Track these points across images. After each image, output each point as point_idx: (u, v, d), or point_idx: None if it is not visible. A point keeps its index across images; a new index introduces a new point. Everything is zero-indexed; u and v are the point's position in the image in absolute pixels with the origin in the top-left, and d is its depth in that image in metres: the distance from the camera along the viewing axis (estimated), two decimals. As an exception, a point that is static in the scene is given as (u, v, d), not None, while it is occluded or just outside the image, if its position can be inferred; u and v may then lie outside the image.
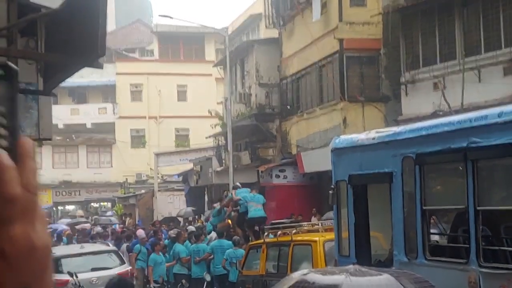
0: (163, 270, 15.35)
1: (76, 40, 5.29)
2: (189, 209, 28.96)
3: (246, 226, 16.33)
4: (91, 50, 5.09)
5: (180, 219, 29.17)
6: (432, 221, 8.50)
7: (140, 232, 20.03)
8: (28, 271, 0.80)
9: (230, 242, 14.97)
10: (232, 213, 17.74)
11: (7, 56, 5.87)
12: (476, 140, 7.08)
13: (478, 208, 7.07)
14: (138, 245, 16.65)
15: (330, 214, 12.05)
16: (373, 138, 8.84)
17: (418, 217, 7.89)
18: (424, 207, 7.85)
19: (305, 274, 5.84)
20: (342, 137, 10.01)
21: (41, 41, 6.65)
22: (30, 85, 7.15)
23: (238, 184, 18.61)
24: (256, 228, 16.34)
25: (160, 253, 15.57)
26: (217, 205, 18.09)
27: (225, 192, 26.58)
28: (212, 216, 18.01)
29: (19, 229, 0.79)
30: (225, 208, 18.33)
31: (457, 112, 13.12)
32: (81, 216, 37.20)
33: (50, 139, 7.85)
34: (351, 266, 5.84)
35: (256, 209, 16.37)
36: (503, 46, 15.73)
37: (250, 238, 15.64)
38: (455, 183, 7.96)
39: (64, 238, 21.86)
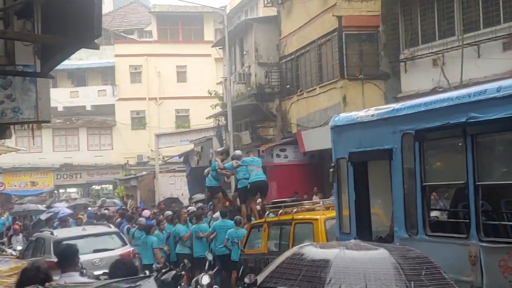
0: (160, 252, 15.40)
1: (72, 21, 5.27)
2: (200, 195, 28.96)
3: (249, 194, 15.98)
4: (87, 31, 5.07)
5: (182, 200, 29.25)
6: (432, 197, 8.51)
7: (146, 213, 20.10)
8: None
9: (233, 222, 14.99)
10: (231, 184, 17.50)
11: (4, 38, 5.85)
12: (475, 115, 7.07)
13: (478, 183, 7.08)
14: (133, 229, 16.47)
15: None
16: (372, 115, 8.84)
17: (418, 193, 7.91)
18: (424, 183, 7.86)
19: (302, 247, 5.88)
20: (342, 114, 10.00)
21: (38, 23, 6.62)
22: (28, 67, 7.14)
23: (237, 152, 18.32)
24: (259, 198, 16.08)
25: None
26: (218, 160, 17.55)
27: (224, 141, 26.38)
28: (212, 170, 17.63)
29: None
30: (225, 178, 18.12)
31: (456, 88, 13.08)
32: (75, 199, 37.20)
33: (49, 121, 7.86)
34: (352, 240, 5.87)
35: (257, 173, 16.02)
36: (502, 21, 15.64)
37: (252, 218, 15.58)
38: (455, 158, 7.96)
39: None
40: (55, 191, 48.80)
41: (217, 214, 15.76)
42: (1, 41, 6.71)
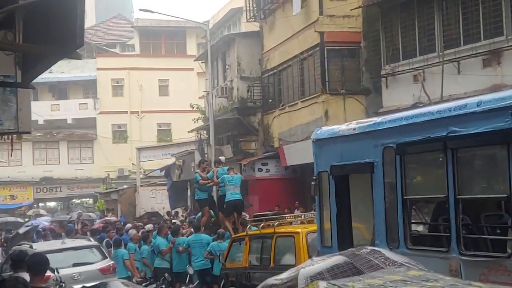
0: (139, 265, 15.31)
1: (54, 31, 5.25)
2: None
3: (225, 213, 16.08)
4: (70, 41, 5.05)
5: (163, 213, 29.10)
6: (413, 213, 8.54)
7: (129, 227, 19.94)
8: None
9: (208, 236, 14.94)
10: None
11: (-16, 47, 5.80)
12: (455, 129, 7.12)
13: (458, 197, 7.12)
14: (132, 244, 16.22)
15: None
16: (354, 129, 8.87)
17: (399, 206, 7.94)
18: (405, 197, 7.89)
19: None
20: (324, 128, 10.03)
21: (19, 34, 6.57)
22: (8, 77, 7.08)
23: (221, 158, 18.27)
24: (234, 216, 16.12)
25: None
26: (199, 171, 17.52)
27: (206, 155, 26.40)
28: (195, 183, 17.58)
29: None
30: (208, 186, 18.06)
31: (437, 104, 13.19)
32: (41, 215, 36.88)
33: (29, 133, 7.79)
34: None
35: (232, 193, 16.07)
36: (482, 38, 15.85)
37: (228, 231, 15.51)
38: (436, 172, 8.01)
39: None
40: (35, 205, 48.31)
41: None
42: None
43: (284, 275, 5.23)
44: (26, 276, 6.52)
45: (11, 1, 6.54)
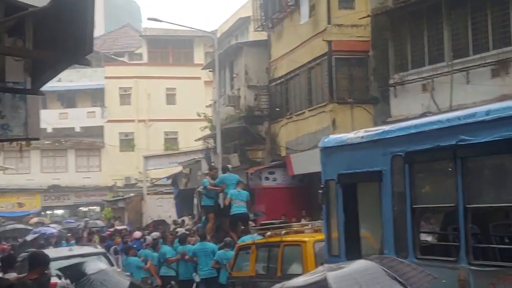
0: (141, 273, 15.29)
1: (64, 37, 5.26)
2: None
3: (230, 225, 16.17)
4: (79, 47, 5.06)
5: (170, 222, 29.08)
6: (422, 222, 8.50)
7: (137, 234, 19.94)
8: None
9: (214, 245, 14.92)
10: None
11: (-6, 53, 5.82)
12: (465, 138, 7.09)
13: (468, 206, 7.08)
14: (147, 251, 16.10)
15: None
16: (362, 137, 8.84)
17: (408, 215, 7.89)
18: (413, 206, 7.85)
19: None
20: (331, 136, 10.01)
21: (29, 41, 6.60)
22: (18, 84, 7.10)
23: (229, 166, 18.47)
24: (240, 226, 16.19)
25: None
26: (208, 177, 17.75)
27: (213, 163, 26.45)
28: (204, 190, 17.71)
29: None
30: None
31: (446, 113, 13.15)
32: (41, 223, 37.06)
33: (38, 139, 7.81)
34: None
35: (238, 206, 16.23)
36: (490, 48, 15.83)
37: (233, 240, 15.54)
38: (445, 181, 7.97)
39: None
40: (42, 213, 48.42)
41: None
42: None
43: (299, 281, 5.17)
44: (14, 275, 7.34)
45: (21, 8, 6.58)
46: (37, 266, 7.62)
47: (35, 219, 40.52)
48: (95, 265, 9.04)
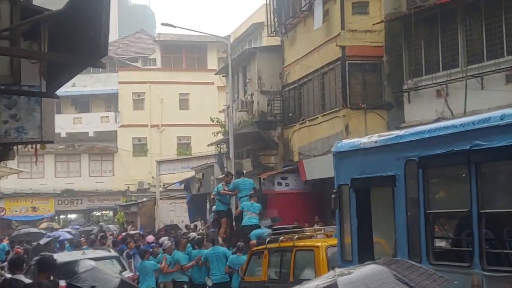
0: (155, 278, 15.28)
1: (79, 40, 5.29)
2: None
3: (241, 235, 16.29)
4: (94, 50, 5.08)
5: (182, 226, 29.14)
6: (436, 227, 8.46)
7: (150, 238, 19.97)
8: None
9: (225, 249, 14.94)
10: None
11: (10, 55, 5.87)
12: (479, 142, 7.06)
13: (482, 211, 7.04)
14: (167, 255, 16.05)
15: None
16: (376, 142, 8.83)
17: (421, 220, 7.86)
18: (427, 211, 7.82)
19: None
20: (345, 141, 9.99)
21: (44, 44, 6.65)
22: (33, 87, 7.16)
23: (243, 170, 18.59)
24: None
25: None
26: (223, 183, 17.99)
27: (225, 168, 26.53)
28: (217, 195, 17.88)
29: None
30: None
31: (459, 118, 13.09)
32: (51, 228, 37.22)
33: (52, 142, 7.86)
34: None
35: (249, 217, 16.43)
36: (505, 53, 15.77)
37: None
38: (459, 186, 7.93)
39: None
40: (56, 217, 48.66)
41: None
42: (7, 60, 6.73)
43: (311, 285, 5.16)
44: (22, 277, 7.62)
45: (37, 11, 6.64)
46: (46, 269, 7.92)
47: (44, 224, 40.72)
48: (88, 263, 9.78)
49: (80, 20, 5.29)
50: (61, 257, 15.61)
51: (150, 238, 20.17)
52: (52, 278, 8.40)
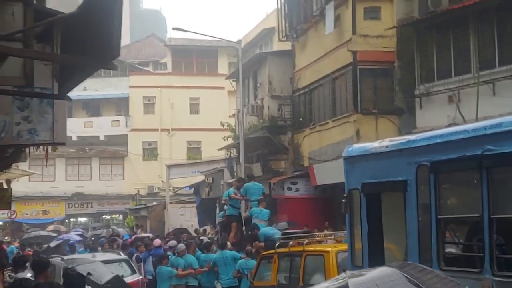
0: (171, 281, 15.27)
1: (91, 42, 5.31)
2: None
3: (249, 239, 16.29)
4: (106, 52, 5.11)
5: (192, 231, 29.14)
6: (447, 232, 8.42)
7: (157, 242, 19.95)
8: None
9: (234, 252, 14.92)
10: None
11: (23, 56, 5.90)
12: (491, 147, 7.03)
13: (493, 216, 7.01)
14: (181, 259, 15.71)
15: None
16: (387, 146, 8.80)
17: (432, 226, 7.83)
18: (439, 216, 7.78)
19: None
20: (355, 145, 9.98)
21: (57, 47, 6.69)
22: (45, 89, 7.20)
23: (253, 174, 18.60)
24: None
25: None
26: (233, 188, 18.02)
27: (235, 173, 26.52)
28: (229, 200, 17.91)
29: None
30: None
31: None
32: (58, 231, 37.26)
33: (64, 144, 7.90)
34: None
35: (258, 225, 16.45)
36: (517, 60, 15.68)
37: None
38: (470, 191, 7.89)
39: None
40: (66, 220, 48.81)
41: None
42: (20, 62, 6.78)
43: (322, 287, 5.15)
44: (25, 275, 8.14)
45: (50, 14, 6.68)
46: (42, 270, 8.11)
47: (51, 227, 40.81)
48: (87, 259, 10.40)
49: (93, 22, 5.32)
50: (71, 259, 15.67)
51: (157, 241, 20.16)
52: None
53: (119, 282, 11.03)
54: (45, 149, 9.06)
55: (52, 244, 23.21)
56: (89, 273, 9.85)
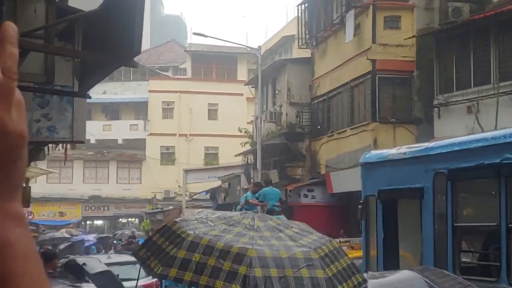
0: None
1: (112, 39, 5.35)
2: None
3: None
4: (127, 49, 5.14)
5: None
6: (463, 241, 8.35)
7: None
8: None
9: None
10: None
11: (45, 52, 5.96)
12: (509, 156, 6.97)
13: (510, 225, 6.94)
14: None
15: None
16: (404, 153, 8.77)
17: (449, 234, 7.77)
18: (455, 224, 7.73)
19: None
20: (373, 152, 9.96)
21: (78, 44, 6.74)
22: (66, 87, 7.26)
23: (270, 179, 18.56)
24: None
25: None
26: (250, 192, 18.02)
27: (252, 179, 26.49)
28: (246, 204, 17.94)
29: None
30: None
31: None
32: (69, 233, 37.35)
33: (83, 142, 7.96)
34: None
35: None
36: (538, 71, 15.55)
37: None
38: (487, 199, 7.84)
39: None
40: (82, 223, 49.05)
41: None
42: (41, 59, 6.85)
43: None
44: None
45: (72, 12, 6.75)
46: (48, 260, 8.40)
47: (63, 230, 41.00)
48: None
49: (114, 20, 5.36)
50: (86, 260, 15.75)
51: None
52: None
53: (109, 276, 11.65)
54: (64, 147, 9.13)
55: (62, 246, 23.33)
56: (84, 264, 10.98)
